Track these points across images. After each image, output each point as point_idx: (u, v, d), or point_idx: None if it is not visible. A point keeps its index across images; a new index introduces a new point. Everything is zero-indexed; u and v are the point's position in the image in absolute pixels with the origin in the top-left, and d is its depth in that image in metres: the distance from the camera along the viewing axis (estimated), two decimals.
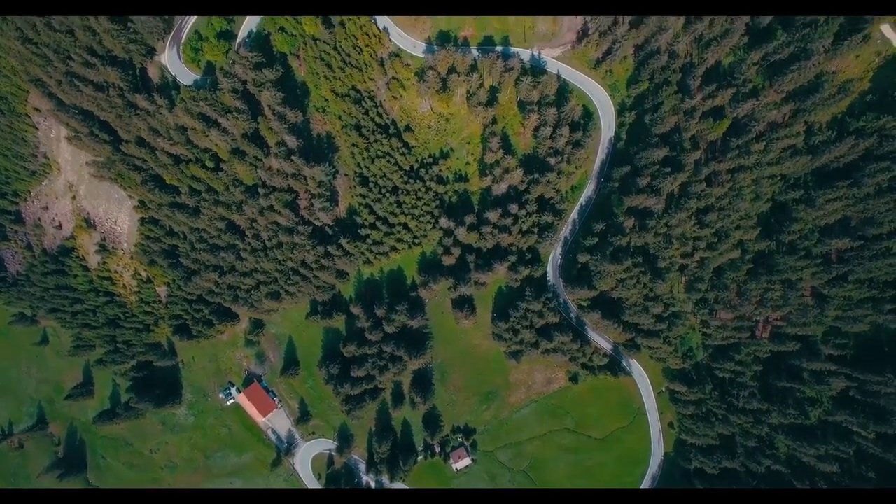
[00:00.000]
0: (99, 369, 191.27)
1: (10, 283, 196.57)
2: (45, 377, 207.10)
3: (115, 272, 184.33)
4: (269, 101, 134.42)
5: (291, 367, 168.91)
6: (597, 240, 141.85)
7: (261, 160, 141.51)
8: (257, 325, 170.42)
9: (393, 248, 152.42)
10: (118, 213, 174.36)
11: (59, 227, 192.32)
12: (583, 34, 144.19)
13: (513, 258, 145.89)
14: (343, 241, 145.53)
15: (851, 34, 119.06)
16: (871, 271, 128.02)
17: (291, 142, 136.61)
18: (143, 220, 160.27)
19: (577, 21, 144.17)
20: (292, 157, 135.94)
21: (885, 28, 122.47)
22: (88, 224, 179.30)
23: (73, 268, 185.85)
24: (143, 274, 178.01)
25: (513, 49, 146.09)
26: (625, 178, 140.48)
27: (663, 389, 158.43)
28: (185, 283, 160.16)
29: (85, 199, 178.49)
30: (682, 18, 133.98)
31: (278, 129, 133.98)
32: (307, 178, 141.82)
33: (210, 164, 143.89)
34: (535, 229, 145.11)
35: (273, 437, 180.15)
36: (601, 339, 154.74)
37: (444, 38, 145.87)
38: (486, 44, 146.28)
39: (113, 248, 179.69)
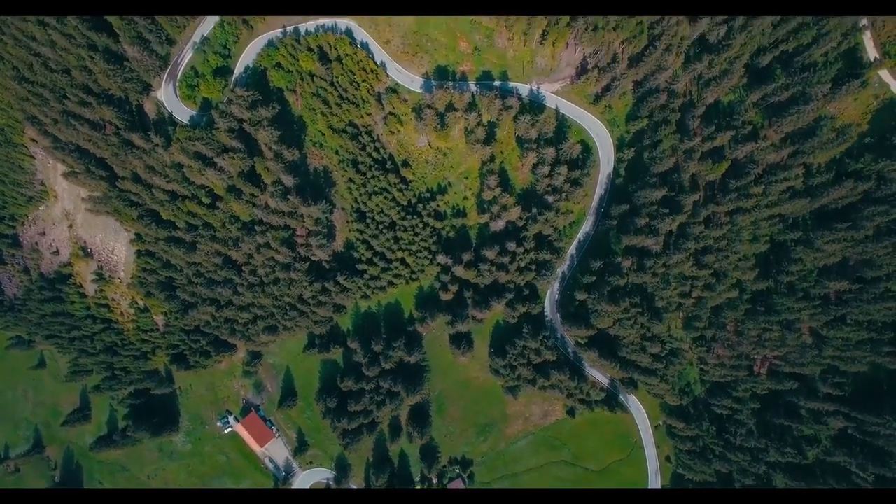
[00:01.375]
0: (96, 395, 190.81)
1: (6, 308, 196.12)
2: (41, 400, 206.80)
3: (113, 300, 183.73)
4: (265, 140, 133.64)
5: (289, 399, 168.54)
6: (594, 278, 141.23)
7: (257, 197, 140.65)
8: (255, 356, 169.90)
9: (390, 283, 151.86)
10: (115, 243, 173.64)
11: (56, 252, 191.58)
12: (582, 69, 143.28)
13: (510, 295, 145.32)
14: (340, 279, 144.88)
15: (850, 79, 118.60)
16: (869, 314, 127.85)
17: (288, 181, 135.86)
18: (139, 253, 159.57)
19: (575, 56, 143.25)
20: (289, 196, 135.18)
21: (884, 73, 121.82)
22: (85, 253, 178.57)
23: (70, 295, 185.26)
24: (141, 303, 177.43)
25: (511, 84, 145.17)
26: (623, 217, 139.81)
27: (660, 423, 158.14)
28: (182, 316, 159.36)
29: (81, 228, 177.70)
30: (682, 57, 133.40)
31: (275, 169, 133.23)
32: (304, 215, 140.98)
33: (206, 200, 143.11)
34: (533, 267, 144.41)
35: (271, 466, 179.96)
36: (598, 374, 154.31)
37: (441, 73, 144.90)
38: (485, 78, 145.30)
39: (110, 276, 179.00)
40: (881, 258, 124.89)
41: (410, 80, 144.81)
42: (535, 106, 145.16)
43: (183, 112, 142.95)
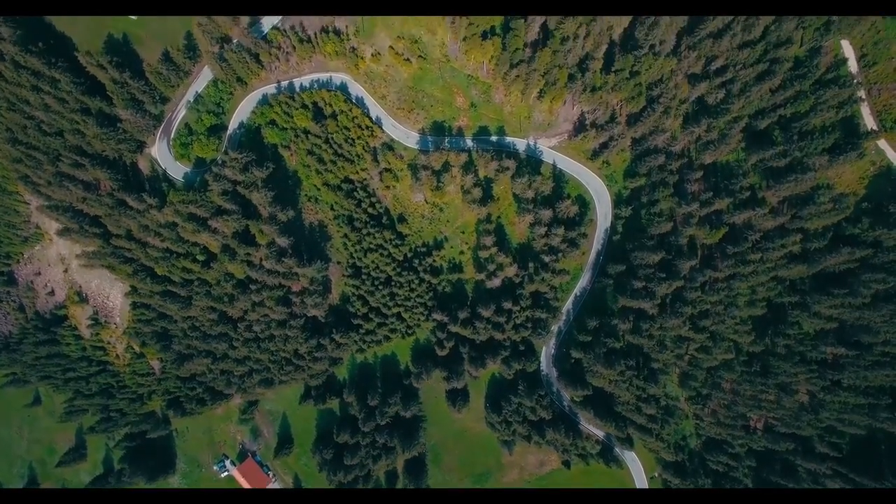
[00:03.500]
0: (91, 435, 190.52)
1: (1, 347, 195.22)
2: (37, 437, 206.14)
3: (108, 343, 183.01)
4: (259, 201, 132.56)
5: (286, 446, 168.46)
6: (590, 338, 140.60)
7: (252, 255, 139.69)
8: (251, 403, 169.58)
9: (386, 338, 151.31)
10: (110, 290, 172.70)
11: (52, 293, 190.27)
12: (579, 125, 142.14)
13: (506, 353, 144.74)
14: (336, 336, 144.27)
15: (848, 150, 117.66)
16: (866, 379, 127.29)
17: (283, 242, 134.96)
18: (134, 305, 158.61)
19: (573, 112, 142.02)
20: (283, 258, 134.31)
21: (881, 141, 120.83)
22: (80, 298, 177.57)
23: (66, 337, 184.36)
24: (136, 348, 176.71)
25: (508, 139, 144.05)
26: (619, 276, 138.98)
27: (656, 475, 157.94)
28: (177, 367, 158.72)
29: (77, 273, 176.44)
30: (680, 119, 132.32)
31: (269, 232, 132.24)
32: (299, 275, 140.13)
33: (201, 257, 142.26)
34: (529, 325, 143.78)
35: None
36: (594, 428, 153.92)
37: (438, 129, 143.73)
38: (482, 133, 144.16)
39: (105, 321, 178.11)
40: (878, 325, 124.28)
41: (406, 135, 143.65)
42: (532, 161, 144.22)
43: (177, 169, 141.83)
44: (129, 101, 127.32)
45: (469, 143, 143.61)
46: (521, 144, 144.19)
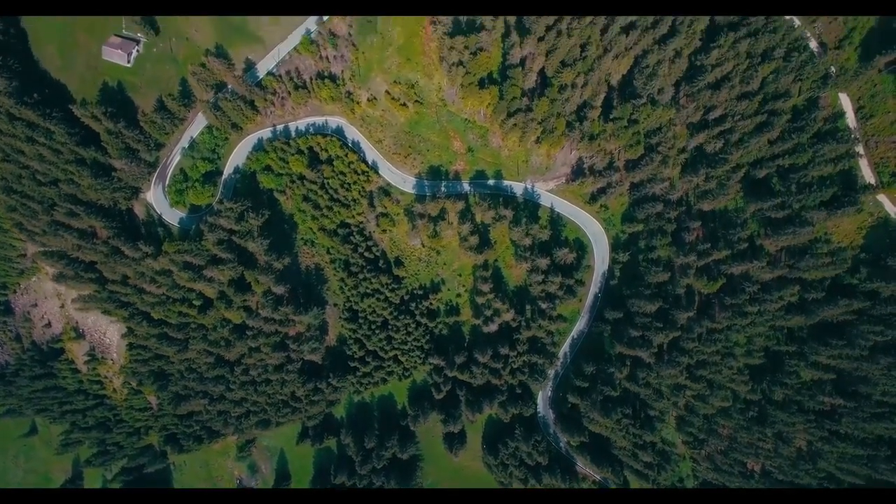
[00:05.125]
0: (89, 468, 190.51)
1: None
2: (32, 467, 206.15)
3: (105, 377, 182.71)
4: (255, 250, 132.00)
5: (283, 482, 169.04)
6: (587, 384, 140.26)
7: (248, 301, 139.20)
8: (249, 441, 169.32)
9: (383, 380, 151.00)
10: (107, 327, 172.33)
11: (49, 325, 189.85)
12: (577, 169, 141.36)
13: (502, 397, 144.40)
14: (332, 380, 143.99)
15: (845, 205, 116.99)
16: (865, 430, 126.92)
17: (279, 290, 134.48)
18: (131, 346, 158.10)
19: (571, 156, 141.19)
20: (280, 306, 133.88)
21: (880, 195, 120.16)
22: (77, 334, 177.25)
23: (62, 370, 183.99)
24: (133, 384, 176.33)
25: (506, 182, 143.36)
26: (617, 323, 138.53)
27: None
28: (174, 407, 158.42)
29: (73, 309, 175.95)
30: (678, 168, 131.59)
31: (265, 281, 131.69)
32: (295, 321, 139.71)
33: (197, 302, 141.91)
34: (526, 370, 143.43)
35: None
36: (591, 471, 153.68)
37: (434, 173, 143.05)
38: (479, 177, 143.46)
39: (102, 357, 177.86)
40: (876, 377, 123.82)
41: (403, 179, 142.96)
42: (529, 204, 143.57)
43: (173, 215, 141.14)
44: (123, 151, 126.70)
45: (466, 186, 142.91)
46: (518, 188, 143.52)
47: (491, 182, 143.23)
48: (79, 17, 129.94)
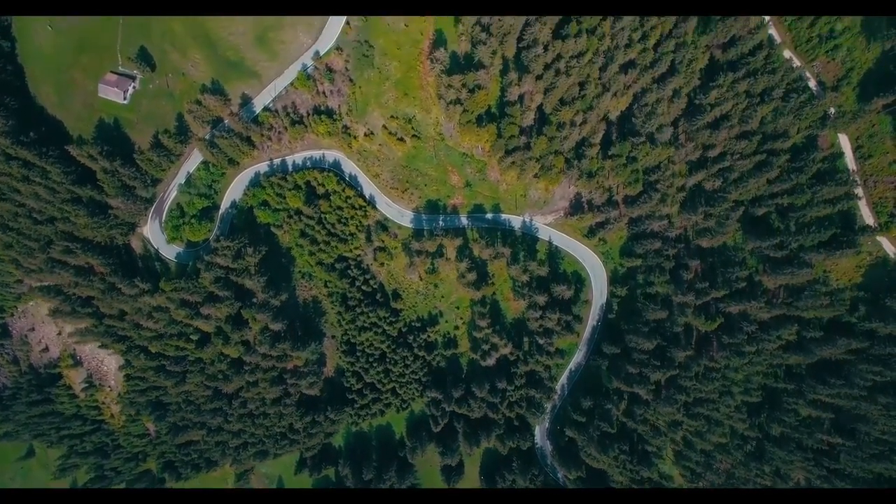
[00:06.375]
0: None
1: None
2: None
3: (103, 403, 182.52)
4: (253, 287, 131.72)
5: None
6: (585, 418, 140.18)
7: (245, 335, 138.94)
8: (247, 469, 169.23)
9: (381, 412, 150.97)
10: (104, 355, 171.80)
11: (46, 349, 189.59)
12: (576, 202, 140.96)
13: (500, 430, 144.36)
14: (330, 413, 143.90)
15: (844, 247, 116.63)
16: (864, 470, 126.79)
17: (276, 326, 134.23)
18: (128, 377, 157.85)
19: (570, 190, 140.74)
20: (277, 343, 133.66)
21: (880, 237, 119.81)
22: (75, 361, 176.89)
23: (60, 395, 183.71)
24: (131, 413, 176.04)
25: (503, 216, 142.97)
26: (614, 358, 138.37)
27: None
28: (172, 437, 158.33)
29: (71, 337, 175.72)
30: (677, 206, 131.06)
31: (262, 319, 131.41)
32: (293, 356, 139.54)
33: (195, 337, 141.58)
34: (524, 403, 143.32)
35: None
36: None
37: (432, 207, 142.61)
38: (477, 211, 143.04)
39: (100, 384, 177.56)
40: (875, 416, 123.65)
41: (400, 214, 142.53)
42: (527, 238, 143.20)
43: (170, 250, 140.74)
44: (119, 189, 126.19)
45: (464, 220, 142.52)
46: (516, 221, 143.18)
47: (489, 216, 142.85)
48: (75, 55, 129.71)
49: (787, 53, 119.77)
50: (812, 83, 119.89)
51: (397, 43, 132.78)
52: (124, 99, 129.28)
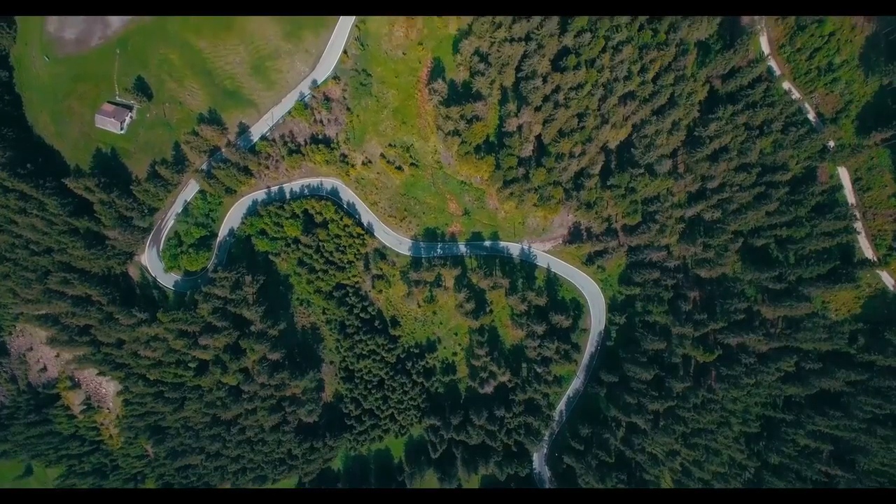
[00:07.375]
0: None
1: None
2: None
3: (101, 424, 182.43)
4: (251, 317, 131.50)
5: None
6: (583, 446, 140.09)
7: (243, 364, 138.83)
8: None
9: (379, 437, 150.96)
10: (103, 378, 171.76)
11: (45, 369, 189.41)
12: (575, 230, 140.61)
13: (498, 457, 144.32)
14: (328, 440, 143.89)
15: (843, 280, 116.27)
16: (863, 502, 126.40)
17: (275, 356, 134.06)
18: (126, 402, 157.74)
19: (568, 218, 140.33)
20: (275, 373, 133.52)
21: (881, 271, 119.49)
22: (73, 383, 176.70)
23: (58, 416, 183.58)
24: (130, 436, 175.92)
25: (502, 243, 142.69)
26: (612, 386, 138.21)
27: None
28: (171, 461, 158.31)
29: (69, 364, 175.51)
30: (676, 236, 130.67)
31: (260, 349, 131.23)
32: (291, 385, 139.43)
33: (193, 365, 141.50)
34: (522, 430, 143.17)
35: None
36: None
37: (430, 235, 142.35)
38: (475, 239, 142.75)
39: (98, 406, 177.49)
40: (875, 449, 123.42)
41: (398, 241, 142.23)
42: (526, 265, 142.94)
43: (167, 278, 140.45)
44: (117, 220, 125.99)
45: (462, 248, 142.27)
46: (514, 249, 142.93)
47: (487, 243, 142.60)
48: (72, 85, 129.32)
49: (786, 85, 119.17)
50: (811, 115, 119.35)
51: (395, 71, 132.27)
52: (121, 129, 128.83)
